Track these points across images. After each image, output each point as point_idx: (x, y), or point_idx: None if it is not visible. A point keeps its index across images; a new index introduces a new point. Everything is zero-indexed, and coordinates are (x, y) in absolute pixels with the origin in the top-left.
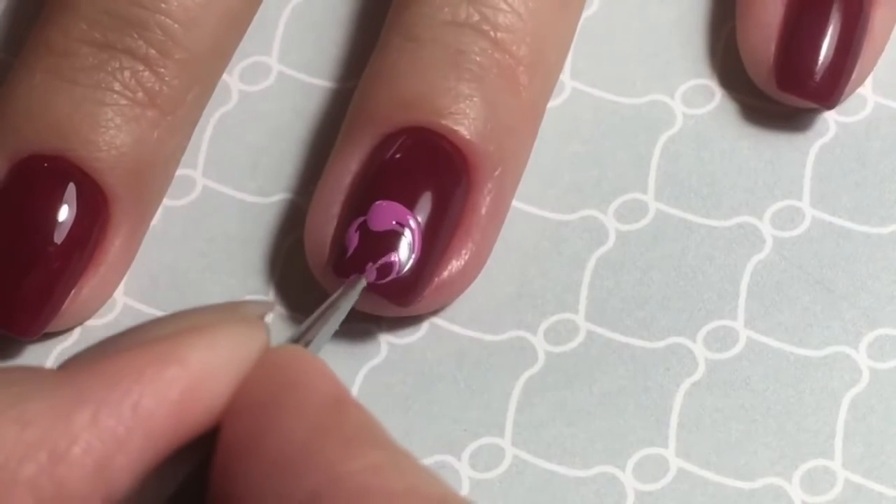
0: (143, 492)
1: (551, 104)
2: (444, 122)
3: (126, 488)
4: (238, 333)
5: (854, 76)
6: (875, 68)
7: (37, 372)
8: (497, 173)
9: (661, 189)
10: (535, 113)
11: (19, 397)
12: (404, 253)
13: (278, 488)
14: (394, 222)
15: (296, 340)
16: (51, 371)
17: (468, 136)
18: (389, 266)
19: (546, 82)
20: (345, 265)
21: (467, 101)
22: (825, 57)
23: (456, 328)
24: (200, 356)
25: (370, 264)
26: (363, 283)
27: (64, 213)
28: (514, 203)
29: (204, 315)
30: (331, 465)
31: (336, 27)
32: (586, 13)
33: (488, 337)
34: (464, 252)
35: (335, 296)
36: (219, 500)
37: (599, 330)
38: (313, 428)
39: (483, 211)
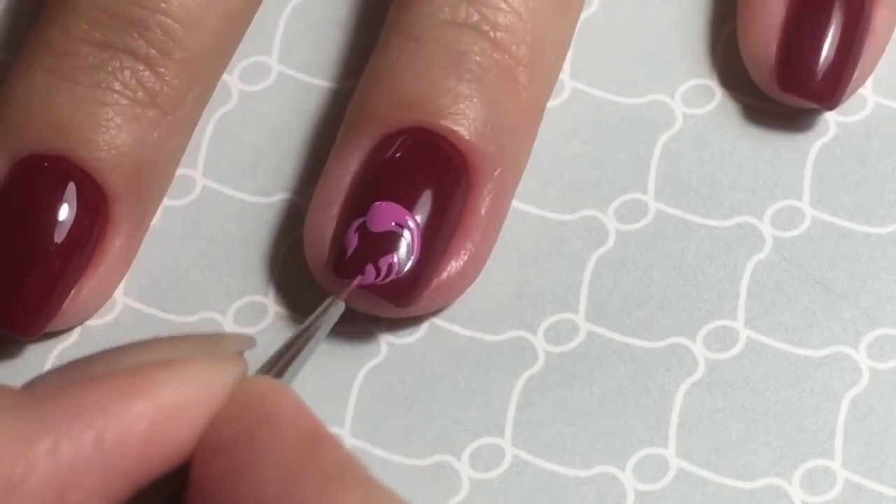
0: None
1: (551, 104)
2: (443, 122)
3: None
4: (212, 369)
5: (855, 77)
6: (875, 68)
7: (4, 395)
8: (497, 173)
9: (661, 189)
10: (535, 113)
11: None
12: (403, 254)
13: None
14: (393, 223)
15: (268, 370)
16: (13, 392)
17: (468, 137)
18: (389, 267)
19: (546, 82)
20: (344, 266)
21: (467, 102)
22: (826, 58)
23: (456, 328)
24: (170, 392)
25: (369, 265)
26: (341, 308)
27: (64, 213)
28: (514, 203)
29: (179, 347)
30: None
31: (336, 27)
32: (586, 13)
33: (488, 337)
34: (463, 253)
35: (309, 321)
36: None
37: (599, 330)
38: (289, 466)
39: (483, 211)
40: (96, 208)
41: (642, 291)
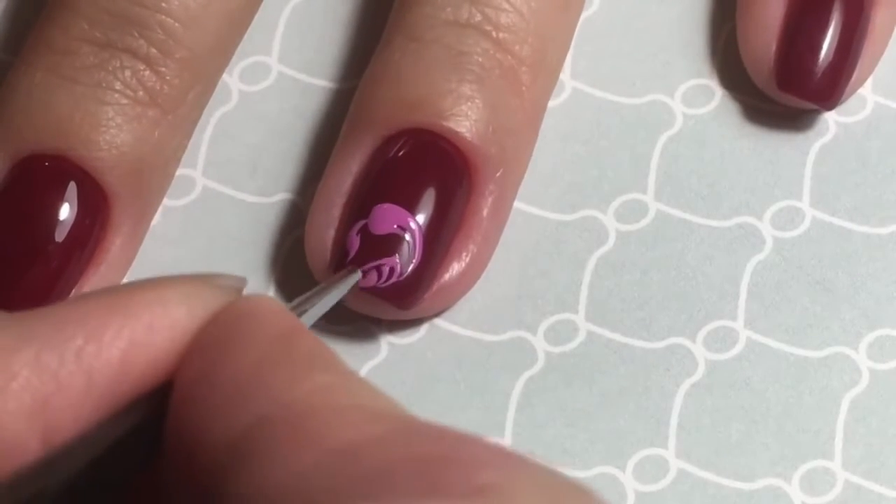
0: (87, 436)
1: (551, 104)
2: (445, 123)
3: (66, 431)
4: (193, 291)
5: (854, 77)
6: (875, 69)
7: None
8: (498, 175)
9: (661, 189)
10: (537, 113)
11: None
12: (405, 256)
13: (226, 416)
14: (395, 226)
15: None
16: (17, 313)
17: (470, 138)
18: (391, 270)
19: (548, 82)
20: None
21: (469, 103)
22: (825, 58)
23: (456, 328)
24: (150, 308)
25: (371, 268)
26: (357, 276)
27: (64, 213)
28: (515, 203)
29: (172, 281)
30: (279, 390)
31: (336, 27)
32: (586, 13)
33: (488, 337)
34: (465, 255)
35: (323, 284)
36: (172, 439)
37: (599, 330)
38: (263, 357)
39: (484, 213)
40: (97, 208)
41: (642, 291)
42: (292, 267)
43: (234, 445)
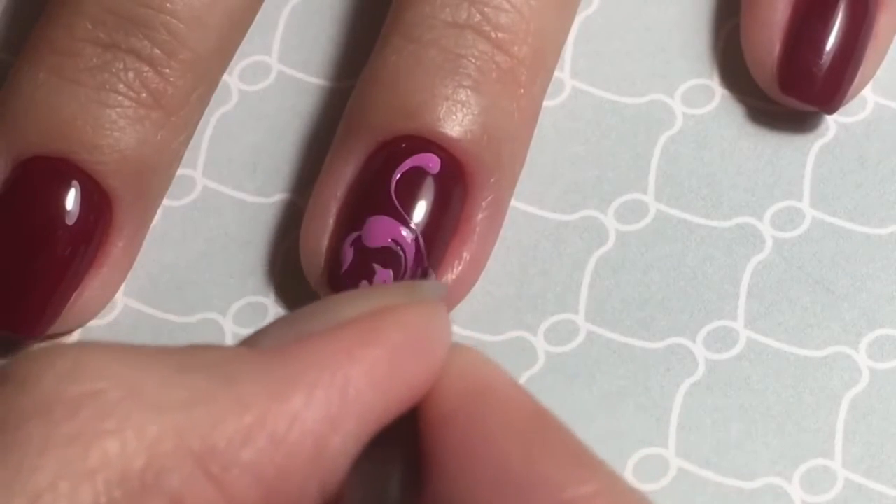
0: (354, 485)
1: (551, 104)
2: (440, 130)
3: (340, 473)
4: (427, 314)
5: (856, 81)
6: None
7: (243, 353)
8: (493, 180)
9: (661, 189)
10: (533, 114)
11: (233, 379)
12: (399, 268)
13: None
14: (389, 239)
15: None
16: (255, 351)
17: (465, 145)
18: (384, 283)
19: (545, 82)
20: (339, 280)
21: (464, 109)
22: (828, 61)
23: (456, 328)
24: (399, 336)
25: (364, 281)
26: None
27: (67, 215)
28: (515, 203)
29: (388, 296)
30: (557, 488)
31: (336, 27)
32: (586, 13)
33: (488, 337)
34: (457, 263)
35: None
36: None
37: (599, 330)
38: (528, 444)
39: (479, 219)
40: (99, 210)
41: (642, 291)
42: (292, 267)
43: None
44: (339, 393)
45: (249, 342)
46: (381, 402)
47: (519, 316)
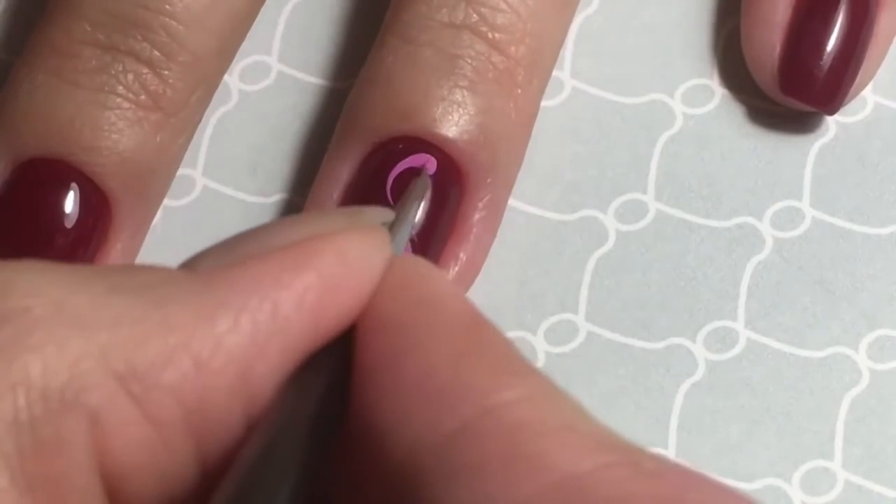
0: (280, 409)
1: (552, 104)
2: (436, 131)
3: (265, 399)
4: (365, 241)
5: (857, 82)
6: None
7: (177, 276)
8: (490, 181)
9: (661, 189)
10: (530, 116)
11: (162, 300)
12: None
13: (427, 417)
14: None
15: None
16: (187, 274)
17: (461, 146)
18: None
19: (542, 82)
20: None
21: (461, 110)
22: (830, 62)
23: None
24: (332, 263)
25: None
26: (427, 182)
27: (65, 217)
28: (514, 203)
29: (328, 221)
30: (482, 395)
31: (336, 26)
32: (586, 13)
33: None
34: (454, 263)
35: (403, 198)
36: (360, 423)
37: (599, 330)
38: (458, 353)
39: (475, 220)
40: (98, 212)
41: (642, 292)
42: None
43: (437, 451)
44: (266, 318)
45: (187, 264)
46: (310, 327)
47: (519, 316)
